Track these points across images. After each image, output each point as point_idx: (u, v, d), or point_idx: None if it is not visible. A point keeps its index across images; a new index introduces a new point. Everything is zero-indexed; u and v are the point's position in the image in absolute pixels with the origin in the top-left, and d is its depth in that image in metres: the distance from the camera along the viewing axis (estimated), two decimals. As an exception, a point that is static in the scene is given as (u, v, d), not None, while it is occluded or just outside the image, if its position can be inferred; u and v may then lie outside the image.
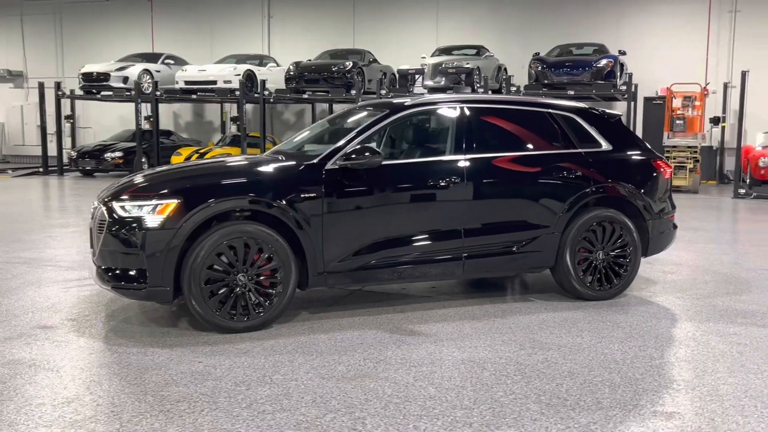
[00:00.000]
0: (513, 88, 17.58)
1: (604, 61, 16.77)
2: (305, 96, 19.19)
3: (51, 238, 9.36)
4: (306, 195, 5.23)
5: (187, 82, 20.10)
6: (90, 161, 20.77)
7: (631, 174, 6.24)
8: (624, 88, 16.92)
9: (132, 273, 5.02)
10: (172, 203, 4.96)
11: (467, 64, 17.67)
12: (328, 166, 5.36)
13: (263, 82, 19.53)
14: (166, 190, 5.07)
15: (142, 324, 5.38)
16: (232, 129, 23.91)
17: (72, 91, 22.27)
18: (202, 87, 20.03)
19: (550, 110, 6.22)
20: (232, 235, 5.02)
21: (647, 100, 20.04)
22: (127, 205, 5.07)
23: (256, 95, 20.02)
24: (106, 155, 20.62)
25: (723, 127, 19.25)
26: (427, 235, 5.60)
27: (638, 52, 19.67)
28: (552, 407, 3.82)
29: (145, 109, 21.59)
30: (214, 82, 19.86)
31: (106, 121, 25.90)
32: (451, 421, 3.63)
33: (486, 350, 4.77)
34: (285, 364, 4.47)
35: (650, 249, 6.33)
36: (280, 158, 5.73)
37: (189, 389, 4.04)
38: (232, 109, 24.14)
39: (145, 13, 25.76)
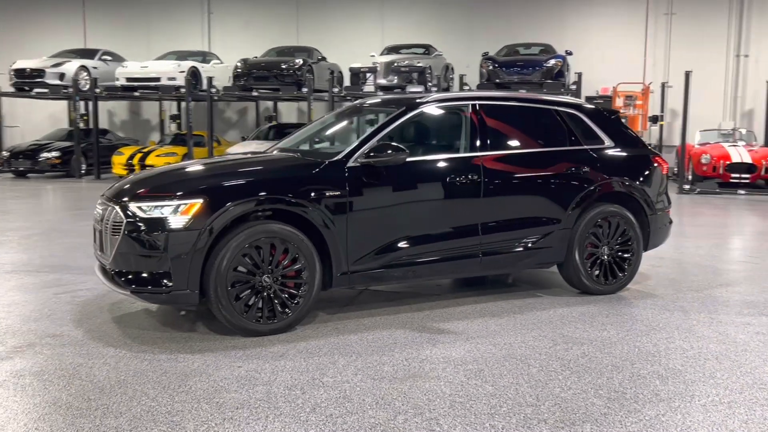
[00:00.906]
0: (466, 87, 17.74)
1: (553, 61, 17.13)
2: (254, 94, 18.86)
3: (8, 242, 8.89)
4: (331, 193, 5.12)
5: (128, 79, 19.49)
6: (24, 162, 19.88)
7: (633, 170, 6.38)
8: (574, 87, 17.32)
9: (154, 276, 4.79)
10: (197, 203, 4.77)
11: (419, 63, 17.74)
12: (351, 163, 5.26)
13: (210, 79, 19.12)
14: (188, 190, 4.86)
15: (157, 329, 5.16)
16: (172, 128, 23.32)
17: (-2, 88, 21.29)
18: (145, 84, 19.44)
19: (555, 107, 6.29)
20: (259, 235, 4.87)
21: (588, 99, 20.53)
22: (145, 205, 4.85)
23: (201, 93, 19.57)
24: (41, 155, 19.79)
25: (661, 126, 19.96)
26: (447, 233, 5.57)
27: (580, 52, 20.12)
28: (615, 401, 3.85)
29: (81, 106, 20.81)
30: (158, 79, 19.33)
31: (35, 120, 24.84)
32: (524, 419, 3.61)
33: (522, 347, 4.78)
34: (328, 366, 4.36)
35: (650, 243, 6.49)
36: (298, 156, 5.60)
37: (242, 395, 3.90)
38: (171, 108, 23.53)
39: (76, 7, 24.82)
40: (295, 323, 5.10)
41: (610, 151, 6.33)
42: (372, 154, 5.27)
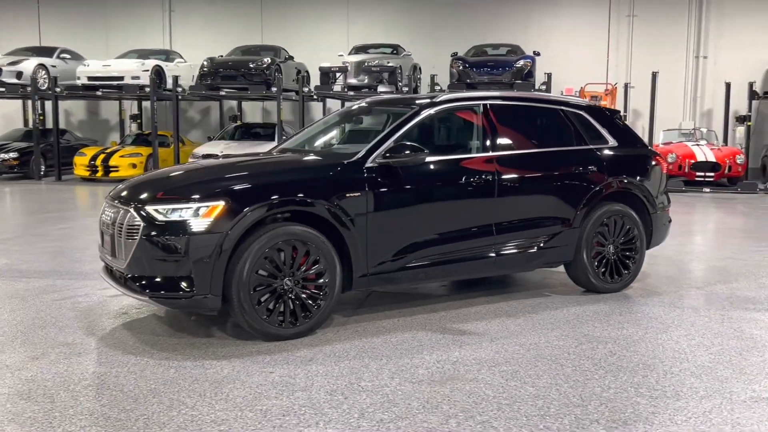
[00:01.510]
0: (437, 88, 17.77)
1: (522, 62, 17.28)
2: (222, 93, 18.58)
3: (-8, 247, 8.57)
4: (351, 194, 5.04)
5: (90, 78, 18.98)
6: (-20, 163, 19.19)
7: (636, 169, 6.44)
8: (544, 87, 17.50)
9: (174, 281, 4.65)
10: (219, 205, 4.65)
11: (389, 62, 17.71)
12: (368, 163, 5.20)
13: (176, 78, 18.75)
14: (208, 192, 4.73)
15: (172, 335, 5.01)
16: (133, 128, 22.82)
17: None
18: (107, 83, 18.98)
19: (562, 107, 6.33)
20: (281, 237, 4.77)
21: (554, 99, 20.79)
22: (163, 208, 4.70)
23: (165, 92, 19.20)
24: (-2, 156, 19.13)
25: (625, 126, 20.27)
26: (463, 233, 5.55)
27: (544, 52, 20.32)
28: (658, 399, 3.87)
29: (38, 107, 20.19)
30: (121, 78, 18.88)
31: (-14, 120, 24.03)
32: (576, 420, 3.60)
33: (548, 347, 4.78)
34: (362, 370, 4.29)
35: (652, 241, 6.57)
36: (314, 156, 5.51)
37: (284, 402, 3.80)
38: (132, 107, 23.01)
39: (30, 3, 24.07)
40: (316, 327, 5.01)
41: (614, 151, 6.38)
42: (390, 154, 5.22)
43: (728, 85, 19.46)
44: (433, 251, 5.42)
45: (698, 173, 16.49)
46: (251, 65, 18.20)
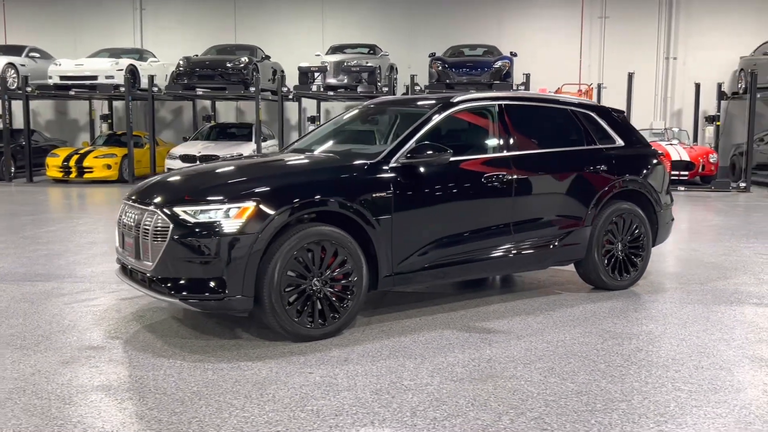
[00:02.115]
0: (417, 88, 17.84)
1: (501, 62, 17.44)
2: (199, 93, 18.38)
3: (-18, 250, 8.38)
4: (377, 194, 5.06)
5: (62, 77, 18.63)
6: (-52, 164, 18.71)
7: (642, 168, 6.57)
8: (522, 88, 17.68)
9: (206, 283, 4.62)
10: (250, 206, 4.63)
11: (368, 62, 17.72)
12: (392, 163, 5.22)
13: (152, 77, 18.50)
14: (239, 193, 4.71)
15: (198, 337, 4.97)
16: (103, 128, 22.44)
17: None
18: (80, 83, 18.65)
19: (572, 107, 6.43)
20: (311, 237, 4.77)
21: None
22: (192, 209, 4.67)
23: (139, 91, 18.94)
24: (-34, 157, 18.67)
25: (598, 125, 20.58)
26: (482, 232, 5.61)
27: (519, 54, 20.58)
28: (696, 393, 3.96)
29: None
30: (95, 78, 18.58)
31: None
32: (624, 414, 3.67)
33: (575, 343, 4.86)
34: (400, 369, 4.31)
35: (657, 239, 6.71)
36: (335, 156, 5.51)
37: (332, 402, 3.81)
38: (102, 107, 22.64)
39: (-5, 1, 23.56)
40: (344, 327, 5.02)
41: (621, 150, 6.50)
42: (413, 154, 5.25)
43: (698, 86, 19.93)
44: (453, 250, 5.47)
45: (673, 172, 16.80)
46: (228, 65, 18.06)
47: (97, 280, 6.82)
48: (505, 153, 5.80)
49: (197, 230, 4.60)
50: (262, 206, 4.64)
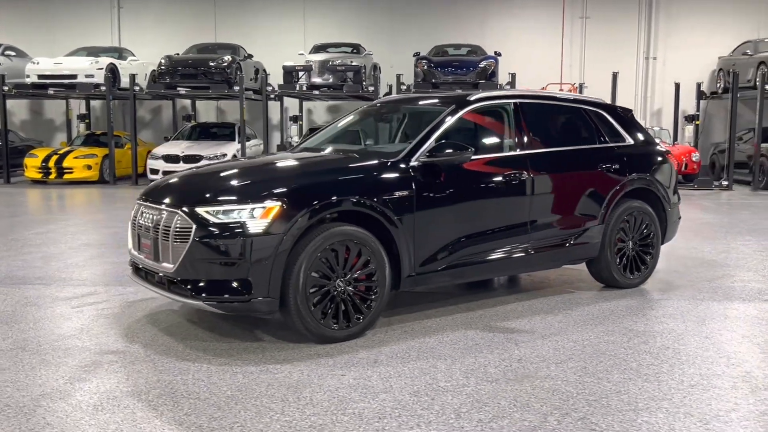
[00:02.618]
0: (403, 87, 17.79)
1: (486, 62, 17.46)
2: (182, 92, 18.14)
3: (-26, 252, 8.16)
4: (399, 193, 5.00)
5: (40, 76, 18.26)
6: None
7: (652, 166, 6.59)
8: (508, 87, 17.71)
9: (230, 284, 4.52)
10: (276, 206, 4.54)
11: (353, 62, 17.63)
12: (413, 162, 5.17)
13: (133, 76, 18.21)
14: (263, 193, 4.62)
15: (218, 340, 4.87)
16: (81, 128, 22.05)
17: None
18: (59, 81, 18.30)
19: (584, 106, 6.42)
20: (336, 237, 4.69)
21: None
22: (214, 209, 4.56)
23: (120, 91, 18.64)
24: (-59, 158, 18.22)
25: (580, 125, 20.73)
26: (501, 231, 5.57)
27: (502, 53, 20.65)
28: (737, 389, 3.96)
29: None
30: (74, 77, 18.23)
31: None
32: (669, 413, 3.65)
33: (600, 342, 4.84)
34: (432, 371, 4.26)
35: (666, 237, 6.73)
36: (353, 155, 5.44)
37: (372, 404, 3.74)
38: (80, 107, 22.25)
39: (-33, -1, 23.05)
40: (367, 328, 4.95)
41: (631, 149, 6.51)
42: (434, 153, 5.20)
43: (677, 86, 20.14)
44: (473, 250, 5.43)
45: (656, 171, 16.95)
46: (212, 63, 17.84)
47: (100, 282, 6.67)
48: (522, 151, 5.77)
49: (221, 231, 4.49)
50: (287, 206, 4.55)
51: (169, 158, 17.18)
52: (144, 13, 22.82)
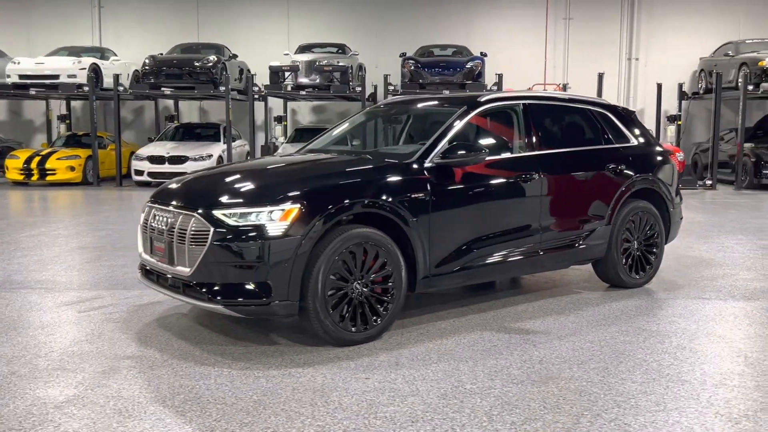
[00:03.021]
0: (391, 88, 17.77)
1: (472, 63, 17.50)
2: (167, 92, 17.97)
3: (-34, 256, 8.00)
4: (414, 194, 4.98)
5: (21, 77, 18.00)
6: None
7: (655, 167, 6.64)
8: (495, 88, 17.77)
9: (248, 287, 4.47)
10: (295, 208, 4.50)
11: (340, 62, 17.58)
12: (427, 164, 5.15)
13: (117, 76, 18.01)
14: (281, 195, 4.57)
15: (234, 344, 4.82)
16: (61, 129, 21.76)
17: None
18: (41, 82, 18.04)
19: (590, 107, 6.45)
20: (354, 240, 4.66)
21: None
22: (231, 212, 4.52)
23: (102, 91, 18.42)
24: None
25: (563, 125, 20.87)
26: (513, 232, 5.58)
27: (487, 53, 20.72)
28: (760, 390, 3.99)
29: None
30: (56, 77, 17.99)
31: None
32: (698, 412, 3.67)
33: (617, 342, 4.86)
34: (455, 373, 4.25)
35: (669, 237, 6.79)
36: (367, 157, 5.41)
37: (402, 408, 3.72)
38: (60, 107, 21.96)
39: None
40: (384, 330, 4.93)
41: (636, 149, 6.56)
42: (447, 154, 5.19)
43: (659, 86, 20.30)
44: (486, 251, 5.43)
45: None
46: (197, 63, 17.70)
47: (103, 286, 6.57)
48: (533, 152, 5.78)
49: (240, 234, 4.44)
50: (306, 208, 4.51)
51: (154, 159, 17.03)
52: (125, 12, 22.59)
